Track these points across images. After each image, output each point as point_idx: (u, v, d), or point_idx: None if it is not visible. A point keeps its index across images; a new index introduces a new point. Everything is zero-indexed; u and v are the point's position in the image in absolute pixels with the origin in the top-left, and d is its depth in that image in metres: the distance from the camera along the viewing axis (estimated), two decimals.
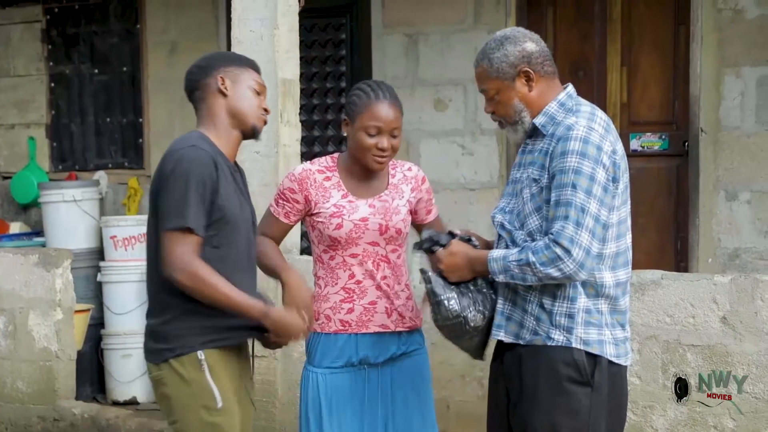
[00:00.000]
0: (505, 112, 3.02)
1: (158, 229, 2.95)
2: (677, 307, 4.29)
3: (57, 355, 5.79)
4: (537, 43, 2.99)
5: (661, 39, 6.28)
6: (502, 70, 2.97)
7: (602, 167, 2.85)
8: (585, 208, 2.82)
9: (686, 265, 6.15)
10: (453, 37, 6.56)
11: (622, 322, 3.00)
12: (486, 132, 6.53)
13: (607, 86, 6.37)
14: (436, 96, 6.62)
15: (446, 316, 3.00)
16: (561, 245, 2.81)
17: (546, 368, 2.92)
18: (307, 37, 6.80)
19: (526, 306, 2.97)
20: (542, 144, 2.95)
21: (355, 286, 3.33)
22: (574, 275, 2.84)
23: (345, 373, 3.34)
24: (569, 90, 3.03)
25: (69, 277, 5.86)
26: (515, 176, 3.05)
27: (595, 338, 2.93)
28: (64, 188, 6.74)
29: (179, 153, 2.93)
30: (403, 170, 3.46)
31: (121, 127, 7.58)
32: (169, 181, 2.89)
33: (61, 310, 5.80)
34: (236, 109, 3.06)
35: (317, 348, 3.36)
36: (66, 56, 7.70)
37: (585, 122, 2.90)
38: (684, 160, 6.22)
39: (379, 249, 3.34)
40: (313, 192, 3.34)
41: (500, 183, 6.46)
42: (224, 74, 3.07)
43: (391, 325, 3.35)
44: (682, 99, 6.21)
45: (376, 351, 3.34)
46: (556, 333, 2.92)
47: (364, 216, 3.32)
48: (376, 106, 3.32)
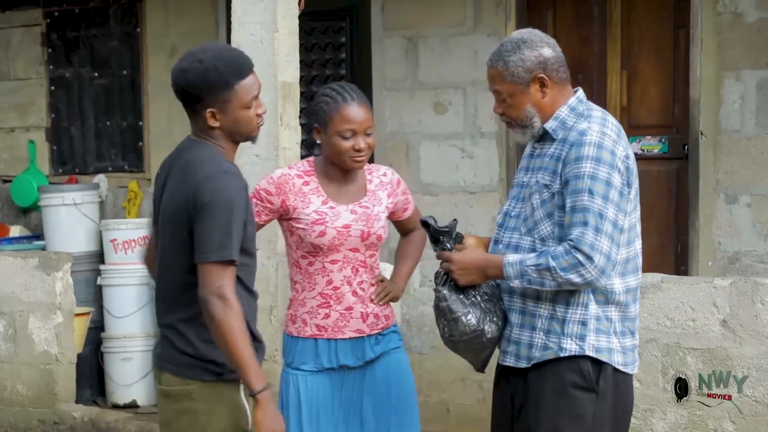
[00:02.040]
0: (516, 116, 2.99)
1: (184, 251, 2.88)
2: (677, 310, 4.28)
3: (57, 359, 5.79)
4: (553, 49, 2.96)
5: (660, 42, 6.28)
6: (518, 74, 2.94)
7: (617, 172, 2.84)
8: (603, 213, 2.80)
9: (686, 268, 6.15)
10: (453, 40, 6.56)
11: (632, 330, 2.98)
12: (486, 135, 6.53)
13: (607, 89, 6.37)
14: (435, 99, 6.62)
15: (464, 331, 2.97)
16: (582, 251, 2.79)
17: (551, 374, 2.91)
18: (307, 40, 6.80)
19: (536, 322, 2.95)
20: (552, 149, 2.93)
21: (332, 292, 3.34)
22: (595, 281, 2.83)
23: (324, 374, 3.34)
24: (579, 95, 3.01)
25: (69, 280, 5.85)
26: (522, 180, 3.03)
27: (604, 346, 2.91)
28: (64, 191, 6.74)
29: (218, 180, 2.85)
30: (379, 176, 3.46)
31: (121, 131, 7.58)
32: (212, 210, 2.81)
33: (61, 314, 5.80)
34: (229, 129, 2.96)
35: (294, 352, 3.37)
36: (66, 59, 7.69)
37: (598, 127, 2.88)
38: (684, 163, 6.22)
39: (359, 255, 3.35)
40: (291, 197, 3.34)
41: (500, 186, 6.46)
42: (213, 106, 2.91)
43: (366, 329, 3.36)
44: (682, 102, 6.22)
45: (353, 356, 3.35)
46: (568, 342, 2.90)
47: (347, 223, 3.33)
48: (347, 109, 3.32)
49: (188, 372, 2.92)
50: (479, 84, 6.45)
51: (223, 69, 2.90)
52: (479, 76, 6.51)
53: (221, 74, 2.89)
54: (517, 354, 2.98)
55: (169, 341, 2.97)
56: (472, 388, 4.83)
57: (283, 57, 5.00)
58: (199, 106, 2.92)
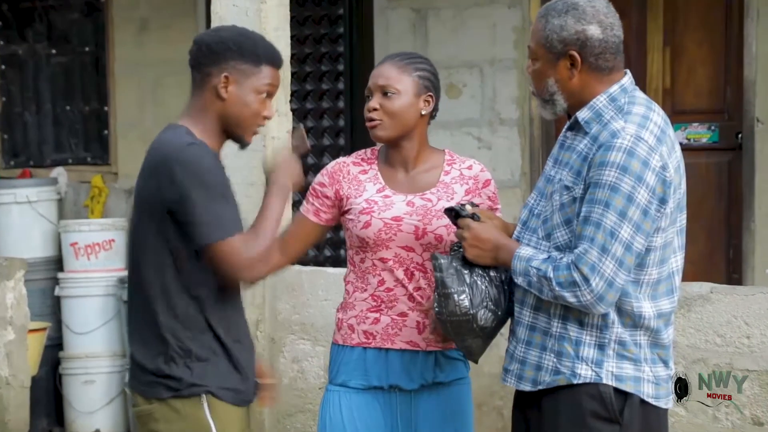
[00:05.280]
0: (538, 84, 2.99)
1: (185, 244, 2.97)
2: (729, 325, 4.28)
3: (8, 382, 5.79)
4: (605, 30, 2.92)
5: (710, 14, 6.28)
6: (551, 41, 2.92)
7: (645, 187, 2.81)
8: (615, 233, 2.79)
9: (740, 276, 6.15)
10: (467, 12, 6.56)
11: (665, 358, 2.97)
12: (506, 122, 6.53)
13: (647, 70, 6.37)
14: (448, 80, 6.61)
15: (453, 311, 3.01)
16: (580, 271, 2.80)
17: (568, 401, 2.91)
18: (299, 13, 6.80)
19: (546, 341, 2.94)
20: (582, 144, 2.92)
21: (384, 294, 3.32)
22: (591, 307, 2.83)
23: (371, 394, 3.33)
24: (624, 82, 2.96)
25: (22, 290, 5.85)
26: (549, 174, 3.02)
27: (630, 374, 2.90)
28: (17, 187, 6.75)
29: (186, 152, 2.95)
30: (461, 167, 3.42)
31: (83, 117, 7.59)
32: (193, 190, 2.93)
33: (12, 329, 5.80)
34: (230, 116, 3.06)
35: (339, 364, 3.37)
36: (19, 34, 7.70)
37: (634, 129, 2.85)
38: (737, 154, 6.22)
39: (414, 255, 3.31)
40: (345, 185, 3.36)
41: (522, 181, 6.47)
42: (231, 72, 3.04)
43: (421, 343, 3.32)
44: (735, 84, 6.22)
45: (406, 376, 3.32)
46: (582, 368, 2.89)
47: (398, 215, 3.30)
48: (374, 70, 3.36)
49: (149, 390, 3.02)
50: (498, 63, 6.45)
51: (260, 45, 3.11)
52: (498, 53, 6.54)
53: (256, 47, 3.09)
54: (520, 375, 2.99)
55: (133, 358, 3.08)
56: (491, 416, 4.82)
57: (271, 32, 4.99)
58: (215, 68, 3.04)
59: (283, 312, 5.13)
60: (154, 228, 2.98)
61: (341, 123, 7.03)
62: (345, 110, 7.02)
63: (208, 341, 3.00)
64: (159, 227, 2.97)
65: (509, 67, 6.49)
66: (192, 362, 2.99)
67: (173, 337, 2.98)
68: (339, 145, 7.03)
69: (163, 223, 2.96)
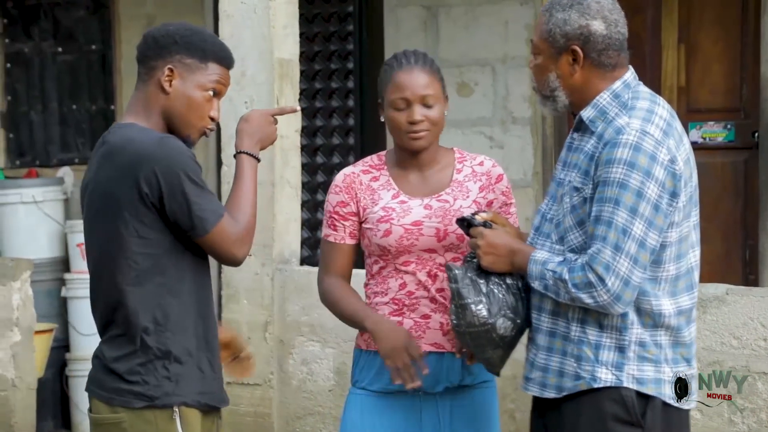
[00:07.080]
0: (539, 80, 3.01)
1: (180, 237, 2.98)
2: (746, 327, 4.28)
3: (14, 384, 5.81)
4: (609, 26, 2.93)
5: (726, 11, 6.27)
6: (553, 34, 2.94)
7: (654, 182, 2.82)
8: (627, 230, 2.80)
9: (756, 277, 6.14)
10: (479, 9, 6.56)
11: (688, 357, 2.98)
12: (518, 121, 6.53)
13: (662, 67, 6.36)
14: (459, 79, 6.62)
15: (471, 323, 3.00)
16: (595, 271, 2.81)
17: (589, 405, 2.92)
18: (308, 10, 6.81)
19: (566, 347, 2.95)
20: (589, 144, 2.92)
21: (405, 298, 3.32)
22: (608, 307, 2.83)
23: (393, 398, 3.32)
24: (627, 77, 2.97)
25: (29, 291, 5.87)
26: (559, 177, 3.03)
27: (650, 376, 2.91)
28: (23, 187, 6.77)
29: (164, 148, 2.95)
30: (473, 164, 3.42)
31: (90, 116, 7.60)
32: (184, 184, 2.94)
33: (18, 331, 5.82)
34: (174, 112, 3.03)
35: (363, 369, 3.37)
36: (24, 32, 7.72)
37: (639, 124, 2.86)
38: (753, 153, 6.21)
39: (437, 257, 3.31)
40: (361, 196, 3.35)
41: (535, 181, 6.46)
42: (176, 66, 3.02)
43: (446, 345, 3.30)
44: (751, 82, 6.20)
45: (434, 378, 3.29)
46: (602, 371, 2.90)
47: (418, 219, 3.29)
48: (401, 75, 3.32)
49: (116, 398, 2.98)
50: (510, 61, 6.45)
51: (208, 41, 3.09)
52: (510, 51, 6.53)
53: (204, 43, 3.07)
54: (543, 383, 2.99)
55: (98, 360, 3.06)
56: (503, 419, 4.82)
57: (280, 29, 5.01)
58: (160, 61, 3.04)
59: (292, 313, 5.13)
60: (127, 225, 2.94)
61: (351, 122, 7.03)
62: (354, 109, 7.02)
63: (186, 341, 2.99)
64: (133, 224, 2.93)
65: (522, 65, 6.48)
66: (170, 364, 2.96)
67: (149, 336, 2.96)
68: (348, 144, 7.03)
69: (137, 220, 2.93)
